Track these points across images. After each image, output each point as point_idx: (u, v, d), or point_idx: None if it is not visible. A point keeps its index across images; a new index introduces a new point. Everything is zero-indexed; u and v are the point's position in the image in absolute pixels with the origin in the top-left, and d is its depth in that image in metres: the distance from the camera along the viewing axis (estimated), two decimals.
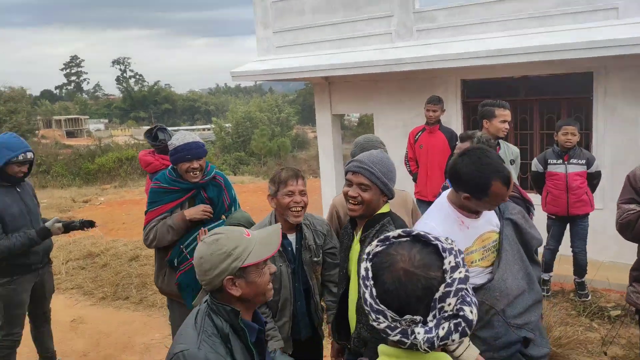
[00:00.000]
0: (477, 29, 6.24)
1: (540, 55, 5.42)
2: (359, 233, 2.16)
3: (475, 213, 2.02)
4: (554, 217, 4.84)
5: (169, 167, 3.06)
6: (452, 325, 1.07)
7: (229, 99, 61.54)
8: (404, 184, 6.08)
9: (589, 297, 4.81)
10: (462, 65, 6.02)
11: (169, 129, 4.70)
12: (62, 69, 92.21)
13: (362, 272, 1.16)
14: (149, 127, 4.57)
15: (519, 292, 1.97)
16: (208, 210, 2.95)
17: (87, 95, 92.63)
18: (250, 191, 12.90)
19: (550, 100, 6.37)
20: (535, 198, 4.10)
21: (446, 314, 1.07)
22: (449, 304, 1.07)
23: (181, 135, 2.98)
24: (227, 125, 35.56)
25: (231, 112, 36.71)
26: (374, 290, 1.11)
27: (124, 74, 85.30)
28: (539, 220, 3.31)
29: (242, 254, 1.52)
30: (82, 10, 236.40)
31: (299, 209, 2.45)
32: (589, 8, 5.54)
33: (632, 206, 2.36)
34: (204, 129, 51.93)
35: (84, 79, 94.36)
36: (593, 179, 4.72)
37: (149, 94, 75.13)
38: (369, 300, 1.11)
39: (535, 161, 4.83)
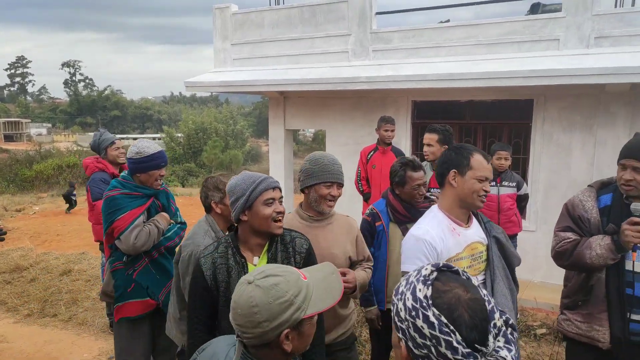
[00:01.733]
0: (428, 53, 6.44)
1: (486, 81, 5.65)
2: (264, 249, 1.98)
3: (465, 222, 2.13)
4: None
5: (122, 174, 3.02)
6: None
7: (182, 108, 60.24)
8: (353, 202, 6.13)
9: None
10: (413, 86, 6.18)
11: (117, 136, 4.66)
12: (6, 69, 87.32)
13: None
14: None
15: (505, 309, 1.99)
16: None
17: (32, 97, 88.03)
18: (197, 204, 12.57)
19: (493, 125, 6.64)
20: None
21: None
22: None
23: (148, 144, 2.96)
24: (178, 135, 34.73)
25: (184, 122, 35.92)
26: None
27: (73, 78, 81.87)
28: None
29: (303, 302, 1.24)
30: (31, 9, 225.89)
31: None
32: (532, 38, 5.85)
33: (569, 234, 2.39)
34: (154, 138, 50.46)
35: (29, 81, 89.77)
36: (522, 201, 4.97)
37: (98, 99, 72.43)
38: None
39: None
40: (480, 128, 6.70)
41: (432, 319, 0.95)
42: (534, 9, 7.56)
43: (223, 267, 1.94)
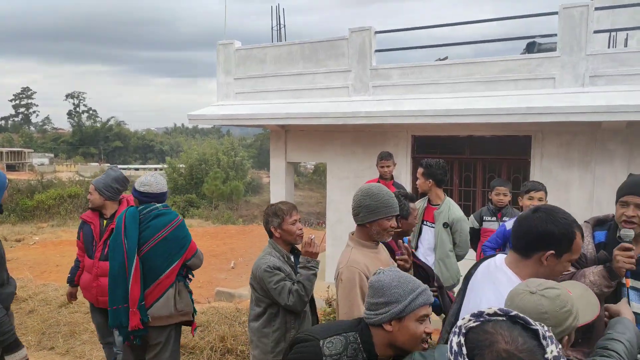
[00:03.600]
0: (428, 89, 6.59)
1: (484, 118, 5.76)
2: None
3: None
4: None
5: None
6: None
7: (183, 139, 60.82)
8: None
9: None
10: (412, 122, 6.30)
11: (119, 167, 4.73)
12: (11, 100, 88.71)
13: (455, 347, 1.12)
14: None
15: None
16: None
17: (35, 128, 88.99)
18: (199, 235, 12.55)
19: (492, 160, 6.72)
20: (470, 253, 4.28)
21: None
22: None
23: (155, 180, 3.26)
24: (180, 165, 34.95)
25: (186, 153, 36.22)
26: None
27: (77, 109, 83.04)
28: None
29: (577, 313, 1.41)
30: (42, 41, 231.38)
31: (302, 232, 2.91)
32: (529, 76, 6.01)
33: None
34: (155, 169, 50.75)
35: (33, 111, 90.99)
36: None
37: (101, 129, 73.21)
38: None
39: (471, 218, 4.93)
40: (480, 163, 6.78)
41: (455, 345, 1.12)
42: (530, 47, 7.78)
43: None
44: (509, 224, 3.96)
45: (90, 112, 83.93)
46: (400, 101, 6.59)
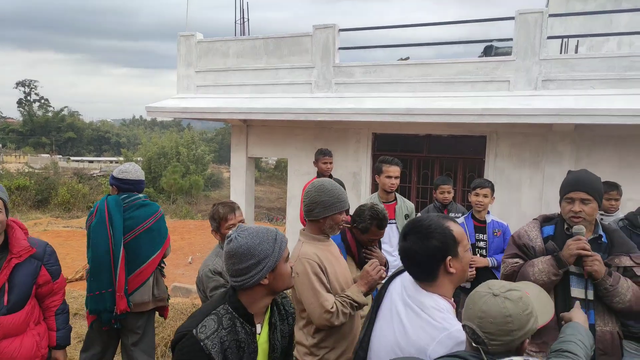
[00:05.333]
0: (389, 88, 6.69)
1: (442, 117, 5.91)
2: (266, 316, 1.80)
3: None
4: None
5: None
6: None
7: (141, 132, 59.01)
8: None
9: None
10: (373, 119, 6.38)
11: (72, 159, 4.59)
12: None
13: None
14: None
15: None
16: None
17: None
18: None
19: (449, 159, 6.91)
20: None
21: None
22: None
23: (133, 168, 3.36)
24: (138, 159, 33.93)
25: (144, 146, 35.19)
26: None
27: (28, 97, 78.87)
28: None
29: (536, 315, 1.42)
30: None
31: None
32: (485, 79, 6.21)
33: (516, 259, 2.58)
34: (111, 161, 49.05)
35: None
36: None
37: (52, 120, 69.97)
38: None
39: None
40: (438, 161, 6.96)
41: None
42: (487, 51, 8.05)
43: (233, 343, 1.63)
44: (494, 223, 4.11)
45: (42, 101, 79.92)
46: (362, 99, 6.66)
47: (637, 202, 4.22)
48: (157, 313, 3.45)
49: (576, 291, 2.40)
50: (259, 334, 1.73)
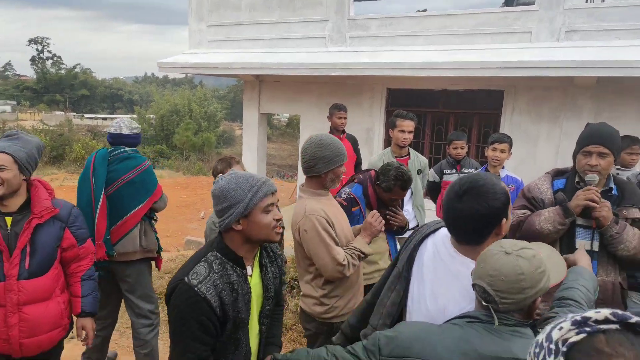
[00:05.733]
0: (405, 41, 6.50)
1: (460, 71, 5.76)
2: (256, 259, 1.85)
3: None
4: None
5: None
6: None
7: (153, 89, 58.71)
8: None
9: None
10: (388, 74, 6.25)
11: (86, 116, 4.57)
12: None
13: None
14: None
15: None
16: None
17: None
18: (169, 186, 12.44)
19: (463, 114, 6.79)
20: (428, 204, 4.27)
21: None
22: None
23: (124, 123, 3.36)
24: (151, 116, 33.97)
25: (157, 103, 35.10)
26: None
27: (41, 55, 78.52)
28: None
29: (549, 273, 1.38)
30: None
31: None
32: (506, 30, 5.99)
33: (523, 211, 2.58)
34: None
35: None
36: None
37: (65, 77, 69.89)
38: None
39: (432, 172, 4.89)
40: (452, 117, 6.84)
41: None
42: (509, 1, 7.72)
43: (227, 286, 1.66)
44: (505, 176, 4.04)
45: (55, 58, 79.59)
46: (378, 53, 6.50)
47: None
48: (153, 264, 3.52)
49: (582, 243, 2.41)
50: (250, 275, 1.77)
